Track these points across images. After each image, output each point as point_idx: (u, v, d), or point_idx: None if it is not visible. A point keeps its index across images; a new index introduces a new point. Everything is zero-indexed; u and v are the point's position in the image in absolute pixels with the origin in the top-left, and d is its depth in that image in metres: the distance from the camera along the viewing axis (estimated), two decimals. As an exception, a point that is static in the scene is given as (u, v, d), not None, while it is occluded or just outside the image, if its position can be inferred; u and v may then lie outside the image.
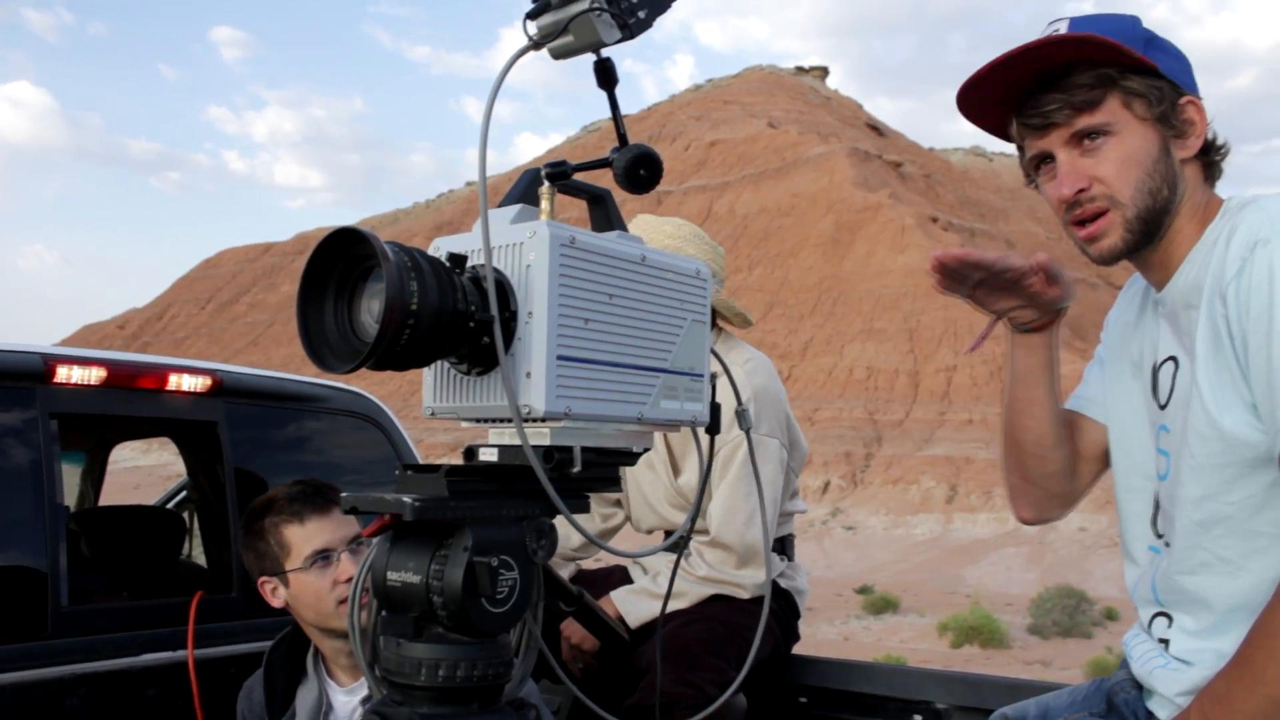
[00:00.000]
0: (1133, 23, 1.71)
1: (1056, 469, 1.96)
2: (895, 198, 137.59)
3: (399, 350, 1.11)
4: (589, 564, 3.64)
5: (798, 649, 3.11)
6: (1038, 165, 1.77)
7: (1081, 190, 1.69)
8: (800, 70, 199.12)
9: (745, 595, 2.83)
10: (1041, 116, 1.71)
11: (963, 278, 1.79)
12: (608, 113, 1.29)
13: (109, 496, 4.51)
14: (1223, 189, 1.79)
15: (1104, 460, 1.98)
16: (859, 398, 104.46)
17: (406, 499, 1.17)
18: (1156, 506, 1.82)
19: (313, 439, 3.55)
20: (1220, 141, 1.74)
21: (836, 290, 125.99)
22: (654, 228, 2.97)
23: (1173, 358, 1.74)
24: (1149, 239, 1.70)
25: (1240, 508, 1.61)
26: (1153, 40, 1.70)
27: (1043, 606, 41.25)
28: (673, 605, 2.84)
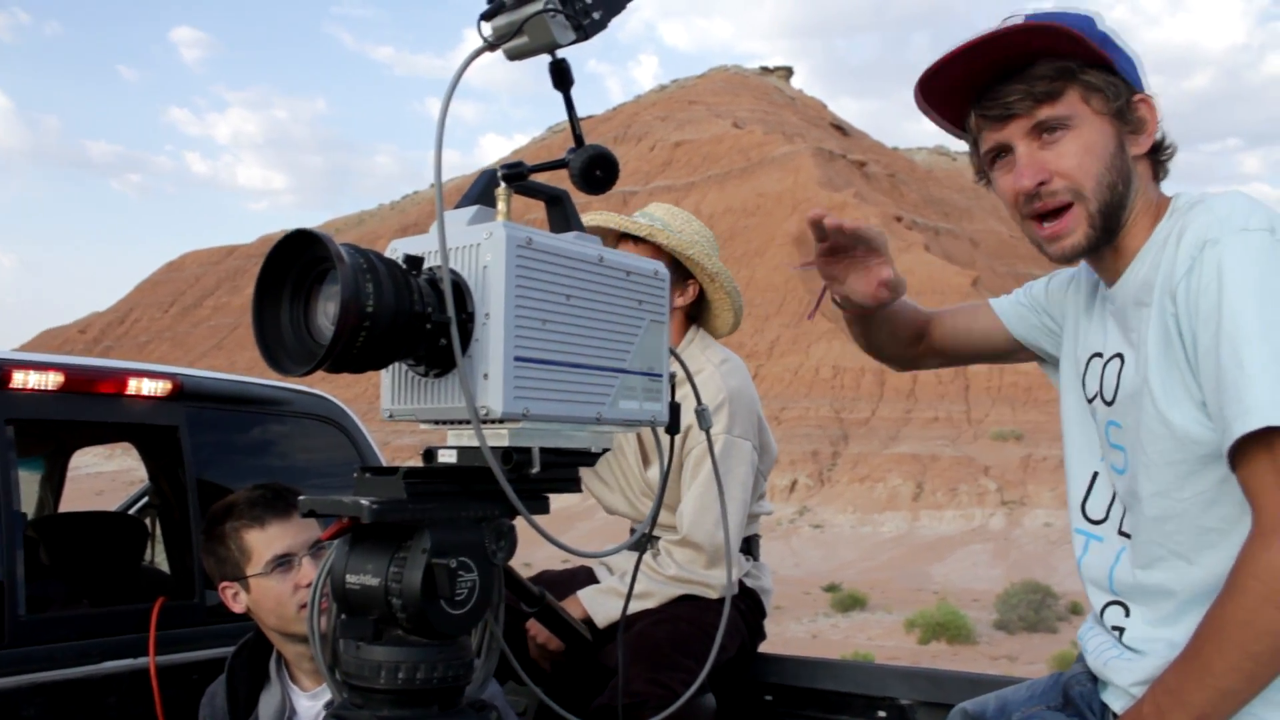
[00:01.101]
0: (1089, 20, 1.72)
1: (890, 355, 2.23)
2: (860, 197, 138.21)
3: (355, 352, 1.11)
4: (553, 565, 3.63)
5: (763, 647, 3.12)
6: (993, 160, 1.78)
7: (1042, 183, 1.70)
8: (765, 70, 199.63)
9: (714, 595, 2.84)
10: (1002, 107, 1.71)
11: (823, 234, 1.91)
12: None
13: (71, 503, 4.46)
14: (1181, 188, 1.82)
15: (957, 359, 2.21)
16: (825, 396, 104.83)
17: (364, 501, 1.17)
18: (1089, 492, 1.85)
19: (275, 443, 3.53)
20: (1168, 142, 1.77)
21: (802, 289, 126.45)
22: (683, 219, 3.00)
23: (1119, 355, 1.77)
24: (1109, 235, 1.72)
25: (1192, 504, 1.64)
26: (1108, 40, 1.72)
27: (1009, 602, 41.60)
28: (641, 605, 2.85)
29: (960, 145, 1.86)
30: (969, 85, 1.75)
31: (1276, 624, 1.47)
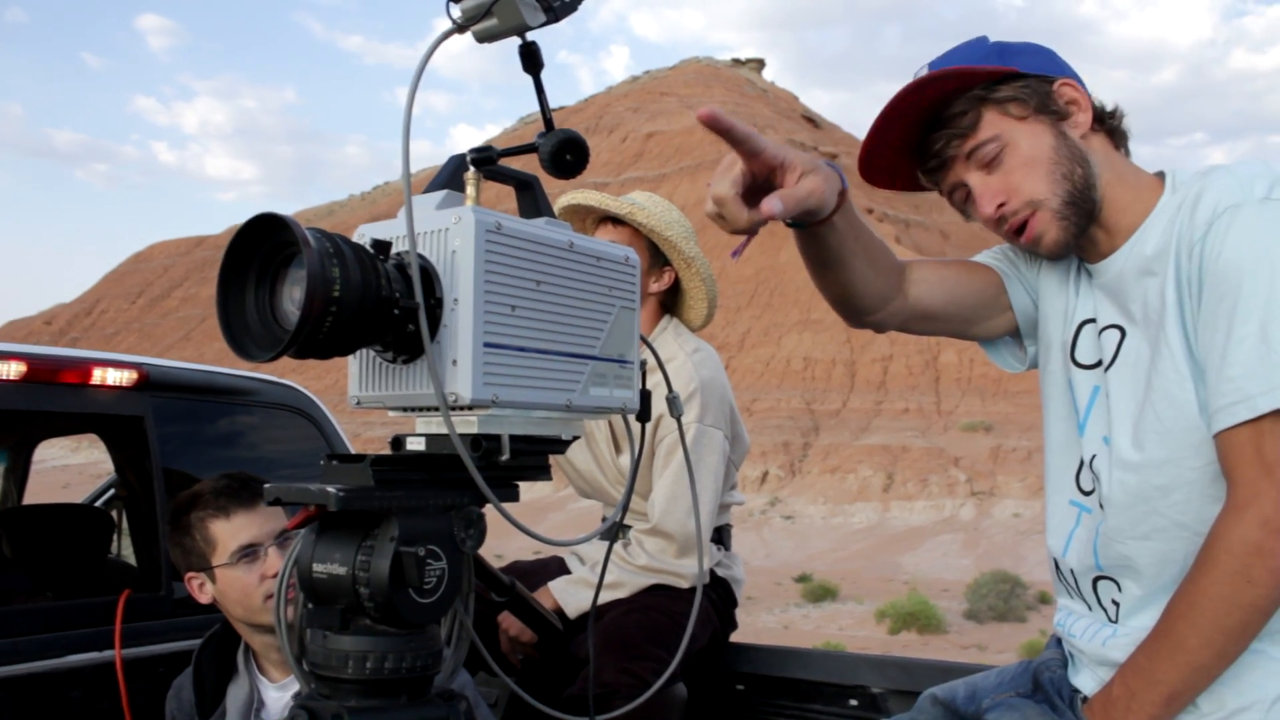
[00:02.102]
0: (980, 43, 1.79)
1: (869, 290, 1.85)
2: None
3: (321, 338, 1.09)
4: (525, 555, 3.62)
5: (734, 637, 3.12)
6: (963, 198, 1.83)
7: (1001, 205, 1.75)
8: (737, 62, 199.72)
9: (685, 584, 2.83)
10: (935, 157, 1.79)
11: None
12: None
13: (39, 495, 4.41)
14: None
15: (930, 314, 1.93)
16: (796, 388, 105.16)
17: (331, 489, 1.15)
18: (1083, 463, 1.84)
19: (243, 433, 3.50)
20: (1111, 108, 1.80)
21: (773, 281, 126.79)
22: (664, 207, 2.99)
23: (1117, 326, 1.77)
24: (1089, 218, 1.75)
25: (1203, 473, 1.63)
26: (1005, 48, 1.77)
27: (978, 592, 41.92)
28: (613, 595, 2.84)
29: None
30: (904, 151, 1.82)
31: (1249, 598, 1.49)
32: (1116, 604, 1.77)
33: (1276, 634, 1.58)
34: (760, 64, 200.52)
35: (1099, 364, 1.80)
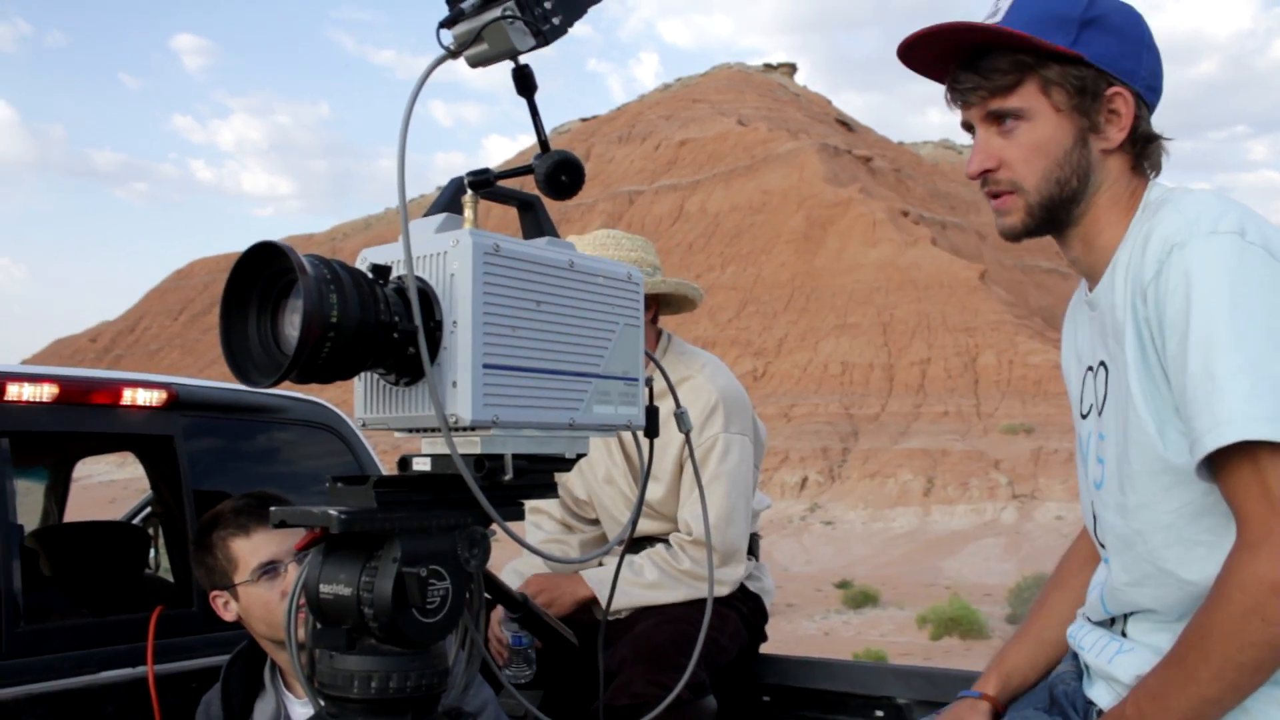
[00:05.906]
0: (1073, 2, 1.65)
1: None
2: (866, 192, 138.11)
3: (320, 363, 1.11)
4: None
5: (772, 645, 3.13)
6: (968, 131, 1.76)
7: (988, 170, 1.69)
8: (768, 67, 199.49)
9: (725, 590, 2.87)
10: (960, 94, 1.70)
11: None
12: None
13: (84, 512, 4.48)
14: (1188, 177, 1.76)
15: None
16: (834, 393, 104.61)
17: (333, 512, 1.17)
18: (1095, 514, 1.80)
19: (273, 450, 3.53)
20: (1151, 133, 1.70)
21: (809, 286, 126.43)
22: (613, 245, 2.97)
23: (1102, 363, 1.73)
24: (1052, 226, 1.71)
25: (1179, 515, 1.59)
26: (1094, 21, 1.64)
27: (1021, 596, 41.44)
28: (650, 595, 2.86)
29: (966, 139, 1.82)
30: (945, 58, 1.72)
31: (1261, 635, 1.44)
32: (1128, 616, 1.75)
33: None
34: (792, 68, 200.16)
35: (1092, 409, 1.77)
